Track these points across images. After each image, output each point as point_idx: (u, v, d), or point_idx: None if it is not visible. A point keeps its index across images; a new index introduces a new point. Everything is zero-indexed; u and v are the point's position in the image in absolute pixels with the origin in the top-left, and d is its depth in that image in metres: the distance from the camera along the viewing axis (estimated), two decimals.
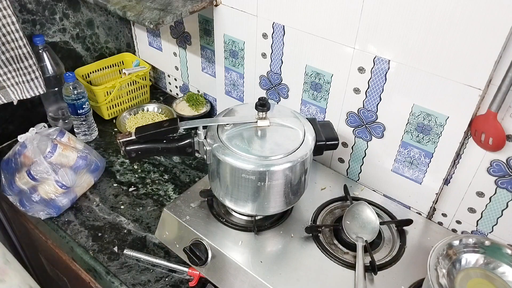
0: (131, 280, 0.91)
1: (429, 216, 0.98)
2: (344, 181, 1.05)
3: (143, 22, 0.97)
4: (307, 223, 0.92)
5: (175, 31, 1.35)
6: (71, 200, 1.07)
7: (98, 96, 1.32)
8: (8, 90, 1.14)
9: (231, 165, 0.79)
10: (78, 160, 1.05)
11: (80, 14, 1.32)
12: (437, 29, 0.75)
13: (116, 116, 1.40)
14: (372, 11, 0.82)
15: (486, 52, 0.72)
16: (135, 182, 1.17)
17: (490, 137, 0.78)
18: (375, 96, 0.91)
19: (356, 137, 1.01)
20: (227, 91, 1.25)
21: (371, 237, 0.86)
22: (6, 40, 1.07)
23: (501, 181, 0.83)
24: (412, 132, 0.89)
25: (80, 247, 0.99)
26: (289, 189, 0.83)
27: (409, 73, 0.83)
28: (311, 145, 0.83)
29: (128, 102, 1.43)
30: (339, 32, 0.89)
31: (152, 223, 1.05)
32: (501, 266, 0.71)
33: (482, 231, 0.92)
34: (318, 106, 1.04)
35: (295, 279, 0.80)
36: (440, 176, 0.90)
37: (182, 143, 0.84)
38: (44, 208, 1.03)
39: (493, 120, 0.76)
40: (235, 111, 0.90)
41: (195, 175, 1.19)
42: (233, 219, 0.92)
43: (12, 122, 1.28)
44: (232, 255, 0.84)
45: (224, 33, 1.12)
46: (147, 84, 1.46)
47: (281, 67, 1.05)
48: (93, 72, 1.41)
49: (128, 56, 1.49)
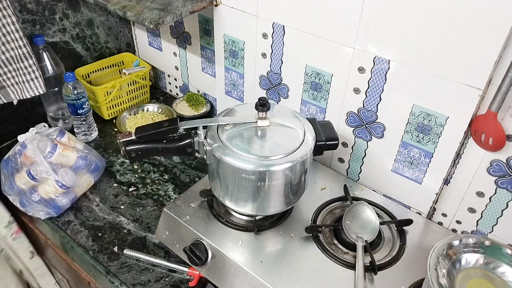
0: (131, 280, 0.91)
1: (429, 216, 0.98)
2: (344, 181, 1.05)
3: (143, 22, 0.97)
4: (307, 223, 0.92)
5: (175, 31, 1.35)
6: (71, 200, 1.07)
7: (98, 96, 1.32)
8: (8, 90, 1.14)
9: (231, 165, 0.79)
10: (78, 160, 1.05)
11: (80, 14, 1.32)
12: (437, 29, 0.75)
13: (116, 116, 1.40)
14: (372, 11, 0.82)
15: (486, 52, 0.72)
16: (135, 182, 1.17)
17: (490, 137, 0.78)
18: (375, 96, 0.91)
19: (356, 137, 1.01)
20: (227, 91, 1.25)
21: (371, 237, 0.86)
22: (6, 40, 1.07)
23: (501, 181, 0.83)
24: (412, 132, 0.89)
25: (80, 247, 0.99)
26: (289, 189, 0.83)
27: (409, 73, 0.83)
28: (311, 145, 0.83)
29: (128, 102, 1.43)
30: (339, 32, 0.89)
31: (152, 223, 1.05)
32: (501, 266, 0.71)
33: (482, 231, 0.92)
34: (318, 106, 1.04)
35: (295, 279, 0.80)
36: (440, 176, 0.90)
37: (182, 143, 0.84)
38: (44, 208, 1.03)
39: (493, 120, 0.76)
40: (235, 111, 0.90)
41: (195, 175, 1.19)
42: (233, 219, 0.92)
43: (12, 122, 1.27)
44: (232, 255, 0.84)
45: (224, 33, 1.12)
46: (147, 84, 1.46)
47: (281, 67, 1.05)
48: (93, 72, 1.41)
49: (128, 56, 1.49)
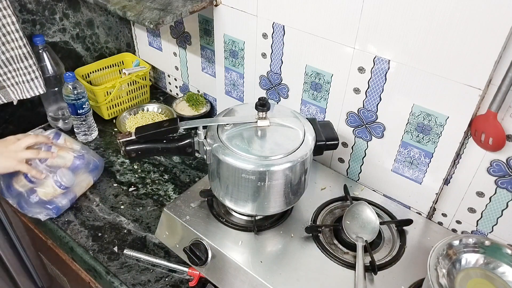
0: (131, 280, 0.91)
1: (429, 216, 0.98)
2: (344, 181, 1.05)
3: (143, 22, 0.97)
4: (307, 223, 0.92)
5: (175, 31, 1.35)
6: (70, 200, 1.07)
7: (98, 96, 1.32)
8: (8, 90, 1.14)
9: (231, 165, 0.79)
10: (75, 161, 1.05)
11: (80, 14, 1.32)
12: (437, 29, 0.75)
13: (116, 116, 1.40)
14: (372, 11, 0.82)
15: (486, 52, 0.72)
16: (135, 182, 1.17)
17: (490, 137, 0.78)
18: (375, 96, 0.91)
19: (356, 137, 1.01)
20: (227, 91, 1.25)
21: (371, 237, 0.86)
22: (6, 40, 1.07)
23: (501, 181, 0.83)
24: (412, 132, 0.89)
25: (80, 247, 0.99)
26: (289, 189, 0.83)
27: (409, 73, 0.83)
28: (311, 145, 0.83)
29: (128, 102, 1.43)
30: (339, 32, 0.89)
31: (152, 223, 1.04)
32: (501, 266, 0.71)
33: (482, 231, 0.92)
34: (318, 106, 1.04)
35: (295, 279, 0.80)
36: (440, 176, 0.90)
37: (182, 143, 0.84)
38: (44, 209, 1.03)
39: (493, 120, 0.76)
40: (235, 111, 0.90)
41: (195, 175, 1.19)
42: (233, 219, 0.92)
43: (12, 122, 1.27)
44: (232, 255, 0.84)
45: (224, 33, 1.12)
46: (147, 84, 1.46)
47: (281, 67, 1.05)
48: (93, 72, 1.41)
49: (128, 56, 1.49)
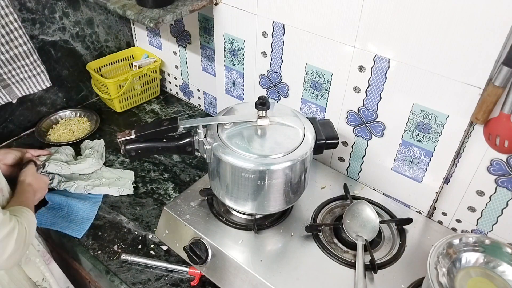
0: (131, 279, 0.91)
1: (429, 215, 0.98)
2: (344, 180, 1.05)
3: (143, 21, 0.97)
4: (307, 222, 0.92)
5: (175, 30, 1.35)
6: None
7: (111, 90, 1.34)
8: (13, 87, 1.15)
9: (231, 164, 0.79)
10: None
11: (80, 13, 1.31)
12: (438, 27, 0.75)
13: (127, 109, 1.44)
14: (372, 10, 0.82)
15: (486, 51, 0.72)
16: (135, 181, 1.17)
17: (505, 139, 0.76)
18: (375, 95, 0.91)
19: (356, 136, 1.01)
20: (227, 90, 1.24)
21: (371, 236, 0.86)
22: (9, 39, 1.07)
23: (501, 180, 0.83)
24: (412, 131, 0.89)
25: (80, 246, 0.99)
26: (289, 188, 0.83)
27: (409, 72, 0.83)
28: (311, 144, 0.83)
29: (140, 95, 1.45)
30: (339, 31, 0.89)
31: (152, 222, 1.04)
32: (501, 265, 0.71)
33: (482, 230, 0.92)
34: (318, 105, 1.04)
35: (295, 278, 0.80)
36: (440, 175, 0.90)
37: (182, 142, 0.84)
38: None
39: (506, 122, 0.75)
40: (235, 110, 0.90)
41: (195, 174, 1.19)
42: (233, 218, 0.92)
43: (12, 121, 1.27)
44: (232, 254, 0.84)
45: (224, 31, 1.12)
46: (158, 77, 1.48)
47: (281, 66, 1.05)
48: (105, 66, 1.43)
49: (138, 50, 1.51)
